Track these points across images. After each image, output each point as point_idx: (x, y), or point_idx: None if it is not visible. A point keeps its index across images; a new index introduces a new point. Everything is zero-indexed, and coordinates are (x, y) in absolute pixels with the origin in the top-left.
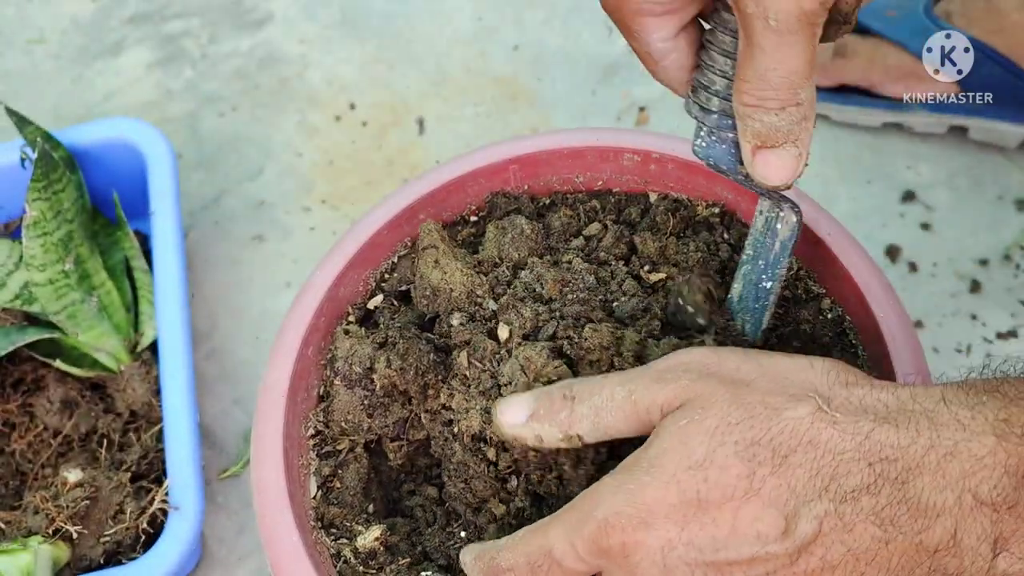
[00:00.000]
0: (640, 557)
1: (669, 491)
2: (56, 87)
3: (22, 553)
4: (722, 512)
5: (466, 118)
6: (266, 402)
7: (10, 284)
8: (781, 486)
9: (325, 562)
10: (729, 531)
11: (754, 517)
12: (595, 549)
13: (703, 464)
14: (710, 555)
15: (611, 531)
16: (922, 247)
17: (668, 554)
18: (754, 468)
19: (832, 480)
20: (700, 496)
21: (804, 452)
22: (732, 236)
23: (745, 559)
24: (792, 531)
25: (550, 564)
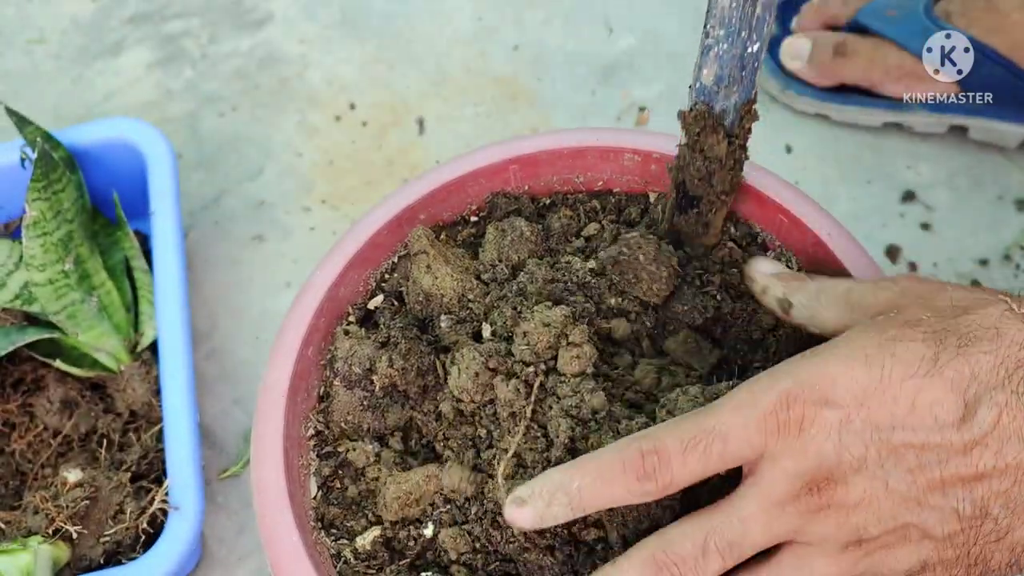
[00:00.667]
0: (816, 430)
1: (856, 364)
2: (56, 87)
3: (22, 553)
4: (903, 390)
5: (466, 118)
6: (266, 402)
7: (10, 284)
8: (964, 370)
9: (325, 562)
10: (908, 410)
11: (933, 399)
12: (770, 423)
13: (892, 341)
14: (886, 434)
15: (793, 402)
16: (922, 247)
17: (845, 428)
18: (940, 350)
19: (1017, 370)
20: (884, 372)
21: (991, 341)
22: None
23: (919, 443)
24: (970, 418)
25: (710, 440)
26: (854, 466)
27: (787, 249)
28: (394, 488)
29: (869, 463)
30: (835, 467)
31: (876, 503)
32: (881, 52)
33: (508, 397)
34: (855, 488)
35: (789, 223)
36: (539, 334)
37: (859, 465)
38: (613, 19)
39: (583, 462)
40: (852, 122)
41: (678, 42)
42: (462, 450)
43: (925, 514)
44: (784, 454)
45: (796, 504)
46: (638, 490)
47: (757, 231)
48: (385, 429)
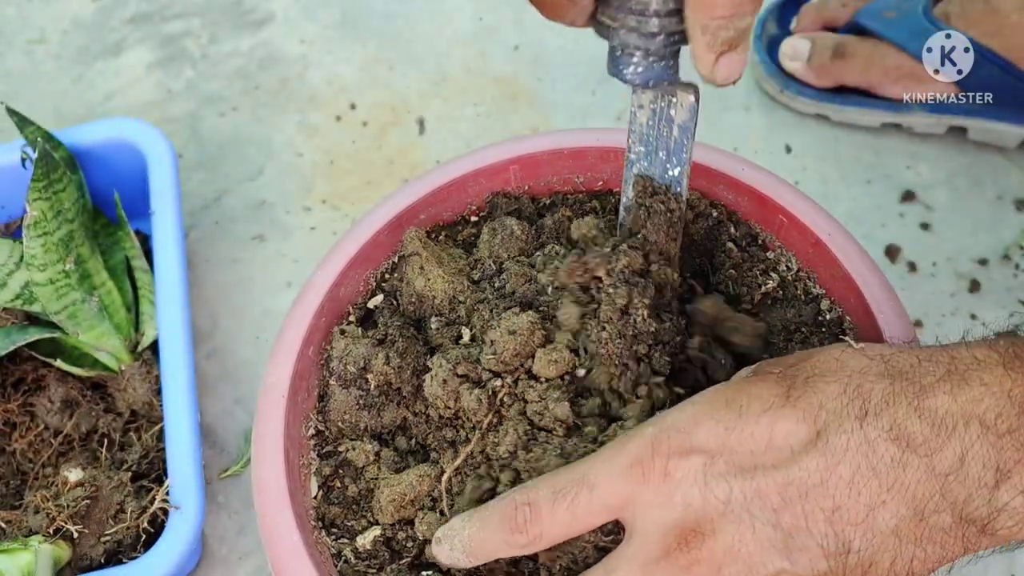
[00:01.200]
0: (682, 475)
1: (717, 406)
2: (57, 87)
3: (23, 552)
4: (760, 424)
5: (466, 118)
6: (267, 402)
7: (11, 284)
8: (813, 401)
9: (326, 562)
10: (766, 445)
11: (788, 431)
12: (635, 472)
13: (748, 383)
14: (749, 475)
15: (657, 448)
16: (922, 247)
17: (709, 471)
18: (790, 386)
19: (858, 396)
20: (743, 409)
21: (835, 373)
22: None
23: (781, 480)
24: (822, 446)
25: (579, 491)
26: (720, 510)
27: (787, 249)
28: (388, 491)
29: (735, 506)
30: (702, 514)
31: (746, 551)
32: (880, 53)
33: (471, 407)
34: (723, 536)
35: (789, 223)
36: (505, 342)
37: (725, 509)
38: None
39: (479, 511)
40: (851, 122)
41: None
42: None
43: (794, 555)
44: (654, 503)
45: (668, 561)
46: (512, 542)
47: (757, 231)
48: (382, 428)
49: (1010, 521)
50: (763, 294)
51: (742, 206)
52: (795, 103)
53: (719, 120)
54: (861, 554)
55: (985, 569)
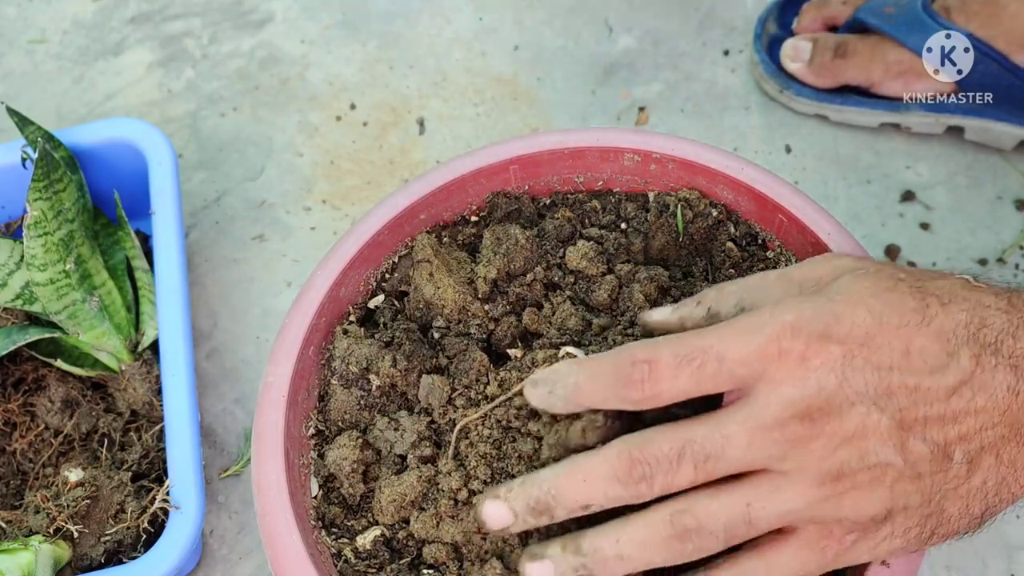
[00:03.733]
0: (820, 362)
1: (858, 309)
2: (57, 87)
3: (23, 552)
4: (898, 336)
5: (466, 118)
6: (267, 402)
7: (11, 284)
8: (946, 324)
9: (326, 561)
10: (902, 355)
11: (922, 347)
12: (770, 351)
13: (887, 291)
14: (884, 373)
15: (797, 333)
16: (921, 247)
17: (848, 363)
18: (926, 304)
19: (983, 326)
20: (883, 319)
21: (963, 301)
22: (737, 232)
23: (912, 385)
24: (953, 366)
25: (706, 359)
26: (852, 399)
27: (787, 249)
28: (388, 492)
29: (866, 399)
30: (833, 398)
31: (864, 439)
32: (881, 49)
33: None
34: (848, 421)
35: (789, 223)
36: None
37: (857, 399)
38: (613, 19)
39: (588, 360)
40: (850, 122)
41: (678, 42)
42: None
43: (905, 454)
44: (785, 380)
45: (783, 430)
46: (624, 396)
47: (757, 231)
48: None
49: None
50: None
51: (742, 206)
52: (795, 103)
53: (719, 120)
54: (960, 467)
55: (985, 568)
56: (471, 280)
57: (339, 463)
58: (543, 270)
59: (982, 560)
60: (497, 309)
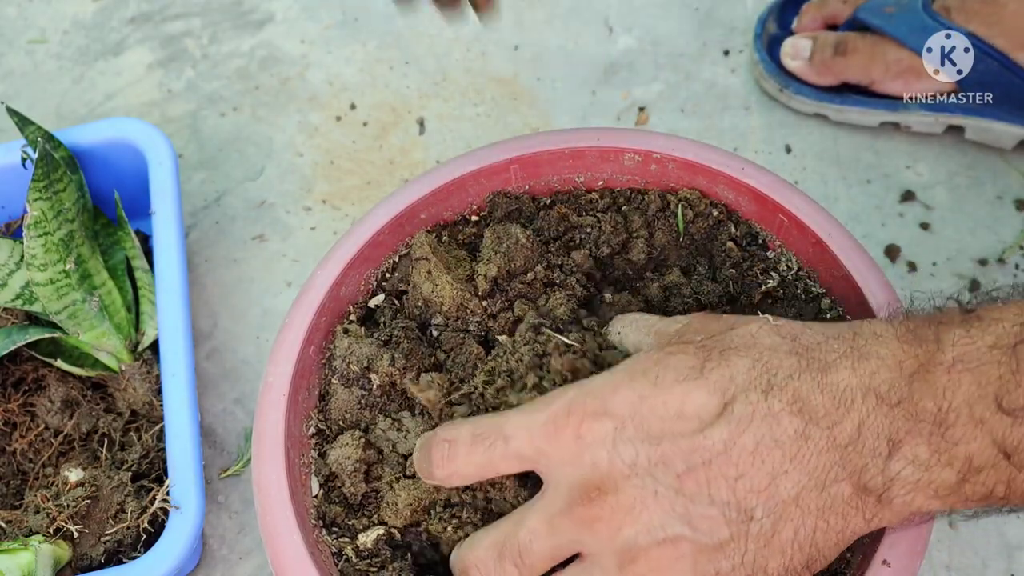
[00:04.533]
0: (592, 438)
1: (635, 375)
2: (57, 87)
3: (23, 552)
4: (671, 395)
5: (466, 118)
6: (267, 401)
7: (11, 284)
8: (724, 374)
9: (326, 561)
10: (676, 416)
11: (698, 402)
12: (548, 431)
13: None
14: (656, 441)
15: (573, 410)
16: (921, 247)
17: (619, 435)
18: (705, 358)
19: (765, 371)
20: (657, 380)
21: (748, 348)
22: (738, 232)
23: (687, 447)
24: (727, 415)
25: (495, 439)
26: (624, 473)
27: (787, 249)
28: (405, 495)
29: (639, 470)
30: (607, 474)
31: (646, 512)
32: (880, 49)
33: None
34: (625, 496)
35: (789, 223)
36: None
37: (630, 472)
38: (613, 19)
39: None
40: (850, 122)
41: (678, 42)
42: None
43: (695, 522)
44: (564, 461)
45: (571, 515)
46: (432, 474)
47: (757, 231)
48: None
49: (903, 490)
50: (763, 293)
51: (742, 205)
52: (794, 102)
53: (719, 120)
54: (763, 523)
55: (985, 568)
56: (470, 278)
57: (341, 462)
58: (543, 269)
59: (982, 560)
60: (496, 306)
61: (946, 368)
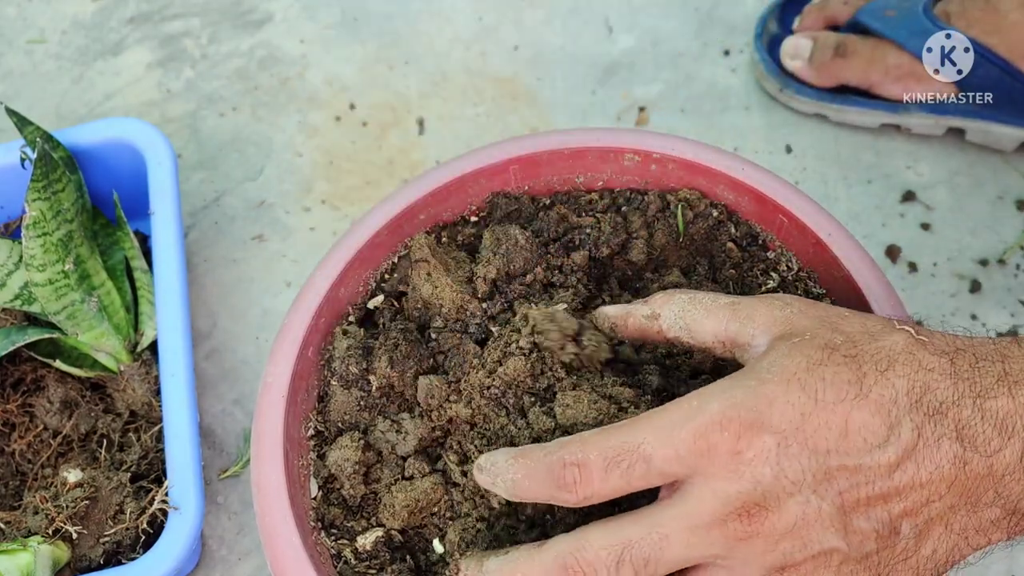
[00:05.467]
0: (754, 454)
1: (791, 387)
2: (57, 87)
3: (22, 553)
4: (836, 414)
5: (466, 118)
6: (266, 402)
7: (10, 284)
8: (885, 394)
9: (325, 562)
10: (840, 435)
11: (862, 423)
12: (700, 446)
13: (819, 365)
14: (822, 458)
15: (727, 424)
16: (922, 247)
17: (783, 452)
18: (863, 374)
19: (925, 392)
20: (817, 396)
21: (903, 365)
22: (738, 233)
23: (852, 465)
24: (894, 440)
25: (634, 460)
26: (789, 490)
27: (787, 249)
28: (402, 496)
29: (804, 488)
30: (770, 492)
31: (806, 528)
32: (880, 52)
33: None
34: (788, 514)
35: (789, 223)
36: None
37: (795, 490)
38: (613, 19)
39: (524, 456)
40: (850, 123)
41: (678, 42)
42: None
43: (849, 537)
44: (719, 475)
45: (723, 529)
46: (560, 499)
47: (757, 231)
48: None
49: None
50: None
51: (742, 206)
52: (794, 102)
53: (719, 120)
54: (908, 539)
55: (985, 569)
56: (470, 279)
57: (340, 464)
58: (543, 270)
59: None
60: (495, 307)
61: None
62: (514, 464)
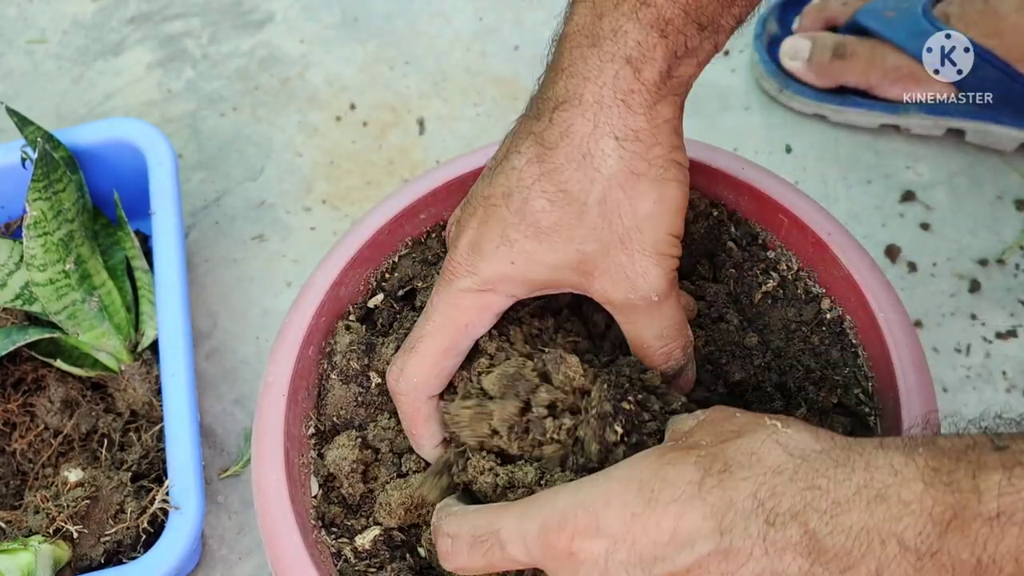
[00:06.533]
0: (584, 556)
1: (629, 489)
2: (57, 87)
3: (23, 552)
4: (667, 515)
5: (466, 118)
6: (266, 401)
7: (11, 284)
8: (723, 498)
9: (325, 561)
10: (670, 537)
11: (693, 526)
12: (542, 544)
13: (666, 465)
14: (648, 565)
15: (563, 524)
16: (921, 247)
17: (611, 556)
18: (706, 474)
19: (770, 498)
20: (653, 495)
21: (750, 468)
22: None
23: (679, 571)
24: (726, 547)
25: (492, 543)
26: None
27: (787, 249)
28: (398, 495)
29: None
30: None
31: None
32: (879, 53)
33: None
34: None
35: (789, 223)
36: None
37: None
38: None
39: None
40: (849, 123)
41: None
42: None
43: None
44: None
45: None
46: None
47: (757, 231)
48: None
49: None
50: (763, 293)
51: (742, 206)
52: (794, 103)
53: (719, 120)
54: None
55: None
56: None
57: (339, 463)
58: None
59: None
60: None
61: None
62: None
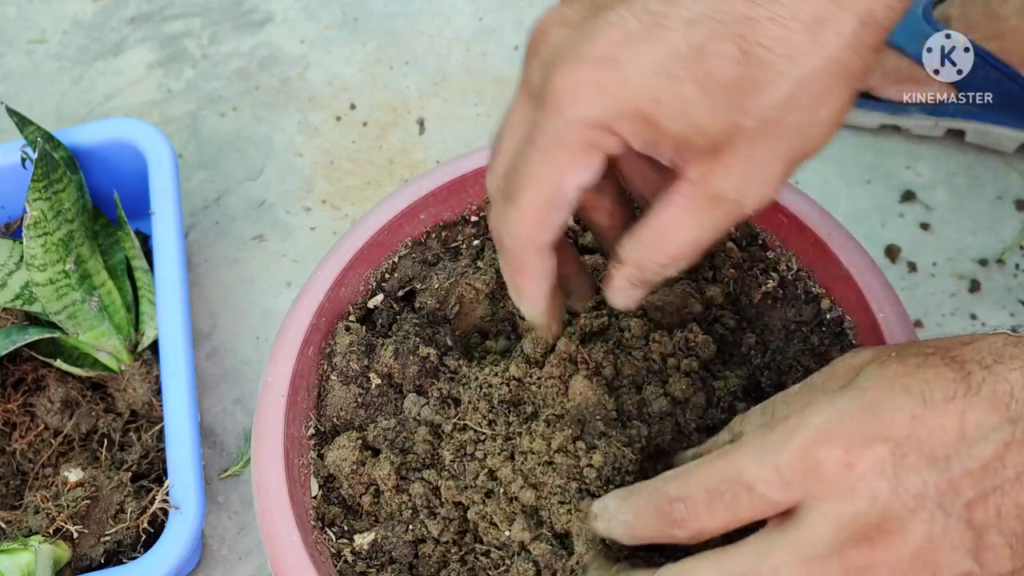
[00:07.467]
0: (867, 465)
1: (895, 392)
2: (57, 87)
3: (23, 552)
4: (948, 415)
5: (466, 118)
6: (266, 401)
7: (11, 284)
8: (1000, 390)
9: (325, 561)
10: (957, 435)
11: (979, 421)
12: (805, 466)
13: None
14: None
15: (832, 437)
16: (921, 247)
17: (899, 462)
18: (967, 372)
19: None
20: (925, 397)
21: (1010, 361)
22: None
23: (977, 468)
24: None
25: (736, 492)
26: (911, 506)
27: (787, 249)
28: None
29: (927, 501)
30: (890, 511)
31: (935, 553)
32: (879, 55)
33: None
34: (913, 536)
35: (789, 223)
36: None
37: (916, 505)
38: None
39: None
40: (849, 123)
41: None
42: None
43: (982, 555)
44: (831, 496)
45: (841, 559)
46: (673, 536)
47: (757, 231)
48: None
49: None
50: (763, 293)
51: None
52: None
53: None
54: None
55: None
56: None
57: (339, 464)
58: None
59: None
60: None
61: None
62: (623, 506)
